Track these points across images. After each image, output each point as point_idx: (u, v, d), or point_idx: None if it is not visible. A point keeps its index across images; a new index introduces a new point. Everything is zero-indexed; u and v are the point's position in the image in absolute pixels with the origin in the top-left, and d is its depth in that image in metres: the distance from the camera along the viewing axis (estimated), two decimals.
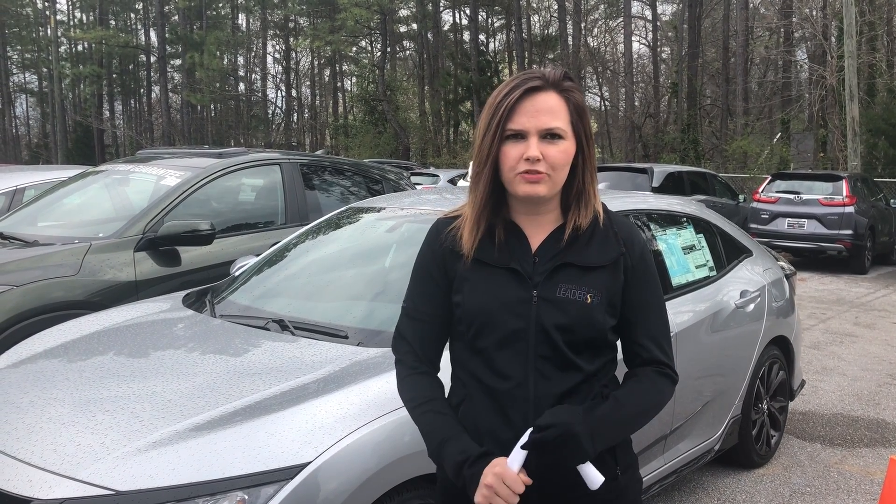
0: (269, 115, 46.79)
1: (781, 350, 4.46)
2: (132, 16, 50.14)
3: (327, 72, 47.11)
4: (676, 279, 3.66)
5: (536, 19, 40.51)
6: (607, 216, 1.69)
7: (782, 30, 27.30)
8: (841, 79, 18.74)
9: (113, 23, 47.24)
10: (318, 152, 10.26)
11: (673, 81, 30.23)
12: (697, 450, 3.73)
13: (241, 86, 46.39)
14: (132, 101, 52.99)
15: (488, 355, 1.64)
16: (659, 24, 35.72)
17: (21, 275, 4.04)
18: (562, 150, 1.59)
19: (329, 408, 2.26)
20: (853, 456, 4.51)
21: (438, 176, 16.28)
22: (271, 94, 48.14)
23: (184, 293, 3.63)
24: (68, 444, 2.19)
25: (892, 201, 14.16)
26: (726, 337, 3.86)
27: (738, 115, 26.08)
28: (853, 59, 16.11)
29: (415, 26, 38.56)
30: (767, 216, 12.93)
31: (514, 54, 34.76)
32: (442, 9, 38.41)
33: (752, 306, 4.09)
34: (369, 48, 42.61)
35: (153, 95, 49.25)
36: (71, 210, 5.29)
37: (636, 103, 33.70)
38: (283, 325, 2.89)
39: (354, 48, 40.68)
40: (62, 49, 47.63)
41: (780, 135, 26.22)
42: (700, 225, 4.13)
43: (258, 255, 3.98)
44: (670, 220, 3.92)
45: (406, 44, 42.51)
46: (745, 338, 4.03)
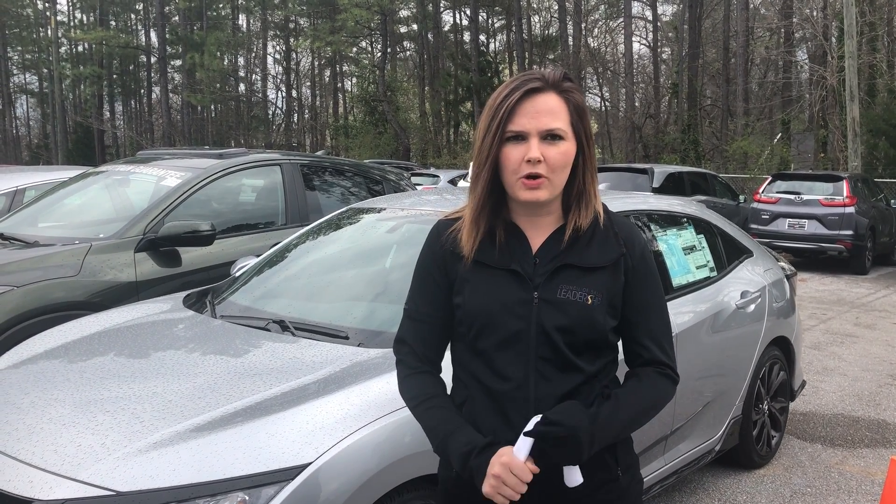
0: (270, 116, 46.81)
1: (782, 350, 4.46)
2: (132, 16, 50.15)
3: (327, 72, 47.12)
4: (677, 280, 3.66)
5: (537, 20, 40.54)
6: (608, 216, 1.69)
7: (783, 30, 27.31)
8: (841, 79, 18.74)
9: (113, 23, 47.27)
10: (319, 153, 10.25)
11: (673, 82, 30.23)
12: (698, 450, 3.73)
13: (242, 86, 46.41)
14: (132, 102, 53.01)
15: (489, 356, 1.64)
16: (659, 24, 35.72)
17: (22, 275, 4.05)
18: (562, 152, 1.59)
19: (330, 408, 2.26)
20: (854, 456, 4.50)
21: (439, 176, 16.28)
22: (272, 94, 48.24)
23: (184, 294, 3.63)
24: (69, 445, 2.19)
25: (892, 202, 14.16)
26: (727, 337, 3.86)
27: (739, 115, 26.08)
28: (854, 60, 16.11)
29: (415, 27, 38.55)
30: (768, 217, 12.93)
31: (515, 55, 34.77)
32: (442, 9, 38.43)
33: (752, 307, 4.09)
34: (370, 49, 42.62)
35: (153, 96, 49.26)
36: (71, 211, 5.30)
37: (636, 104, 33.71)
38: (283, 326, 2.89)
39: (355, 49, 40.69)
40: (62, 50, 47.65)
41: (780, 135, 26.23)
42: (700, 225, 4.13)
43: (259, 255, 3.98)
44: (671, 220, 3.92)
45: (406, 44, 42.51)
46: (745, 338, 4.03)
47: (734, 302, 3.95)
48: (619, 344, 1.73)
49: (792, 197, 12.84)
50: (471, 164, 1.69)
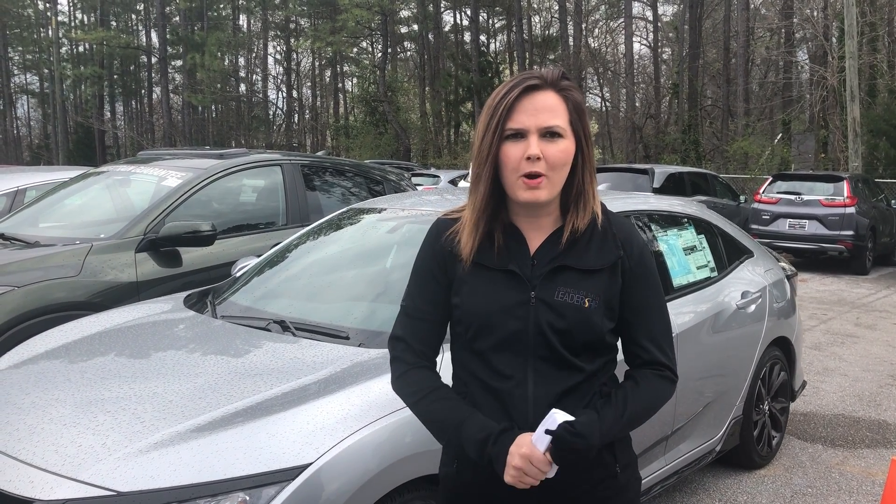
0: (270, 116, 46.82)
1: (783, 351, 4.46)
2: (133, 17, 50.17)
3: (328, 73, 47.13)
4: (678, 280, 3.66)
5: (537, 20, 40.54)
6: (606, 217, 1.69)
7: (783, 30, 27.31)
8: (842, 79, 18.73)
9: (114, 24, 47.29)
10: (319, 153, 10.26)
11: (674, 82, 30.24)
12: (699, 451, 3.73)
13: (242, 87, 46.41)
14: (133, 102, 53.02)
15: (487, 356, 1.64)
16: (660, 24, 35.72)
17: (22, 276, 4.05)
18: (561, 150, 1.59)
19: (330, 409, 2.26)
20: (854, 457, 4.50)
21: (439, 177, 16.29)
22: (272, 94, 48.25)
23: (185, 294, 3.63)
24: (70, 445, 2.19)
25: (892, 202, 14.15)
26: (728, 338, 3.86)
27: (739, 115, 26.08)
28: (854, 60, 16.10)
29: (415, 27, 38.56)
30: (768, 217, 12.93)
31: (515, 55, 34.77)
32: (443, 9, 38.43)
33: (753, 307, 4.09)
34: (370, 49, 42.62)
35: (154, 96, 49.27)
36: (72, 211, 5.30)
37: (637, 104, 33.71)
38: (284, 326, 2.89)
39: (355, 49, 40.70)
40: (63, 50, 47.68)
41: (780, 135, 26.24)
42: (701, 226, 4.13)
43: (259, 255, 3.98)
44: (671, 220, 3.92)
45: (407, 44, 42.52)
46: (746, 339, 4.03)
47: (735, 302, 3.95)
48: (619, 343, 1.73)
49: (792, 197, 12.84)
50: (471, 164, 1.69)
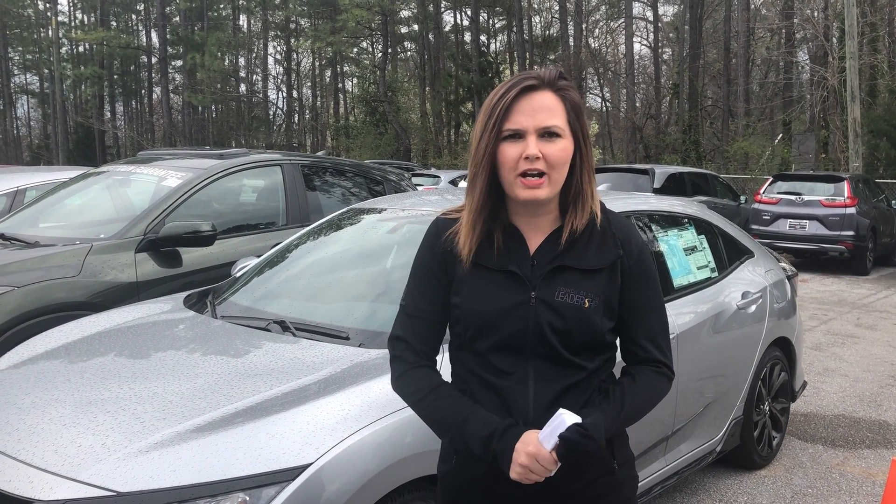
0: (271, 116, 46.83)
1: (783, 351, 4.45)
2: (133, 17, 50.18)
3: (328, 73, 47.14)
4: (678, 280, 3.65)
5: (538, 20, 40.55)
6: (605, 216, 1.69)
7: (783, 31, 27.30)
8: (842, 80, 18.73)
9: (114, 24, 47.31)
10: (320, 153, 10.26)
11: (674, 82, 30.24)
12: (699, 451, 3.73)
13: (243, 87, 46.42)
14: (133, 102, 53.03)
15: (486, 356, 1.64)
16: (660, 25, 35.73)
17: (22, 276, 4.05)
18: (560, 149, 1.58)
19: (330, 409, 2.26)
20: (855, 457, 4.50)
21: (439, 177, 16.28)
22: (272, 95, 48.27)
23: (185, 294, 3.63)
24: (69, 446, 2.19)
25: (893, 202, 14.15)
26: (728, 338, 3.86)
27: (740, 116, 26.09)
28: (855, 60, 16.10)
29: (416, 27, 38.57)
30: (769, 217, 12.93)
31: (516, 55, 34.77)
32: (443, 10, 38.43)
33: (753, 307, 4.09)
34: (370, 49, 42.63)
35: (154, 96, 49.28)
36: (72, 211, 5.30)
37: (637, 104, 33.72)
38: (284, 327, 2.89)
39: (355, 49, 40.70)
40: (63, 50, 47.68)
41: (781, 136, 26.24)
42: (701, 226, 4.13)
43: (259, 256, 3.98)
44: (672, 221, 3.91)
45: (407, 45, 42.52)
46: (746, 339, 4.03)
47: (735, 303, 3.95)
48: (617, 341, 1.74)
49: (793, 197, 12.84)
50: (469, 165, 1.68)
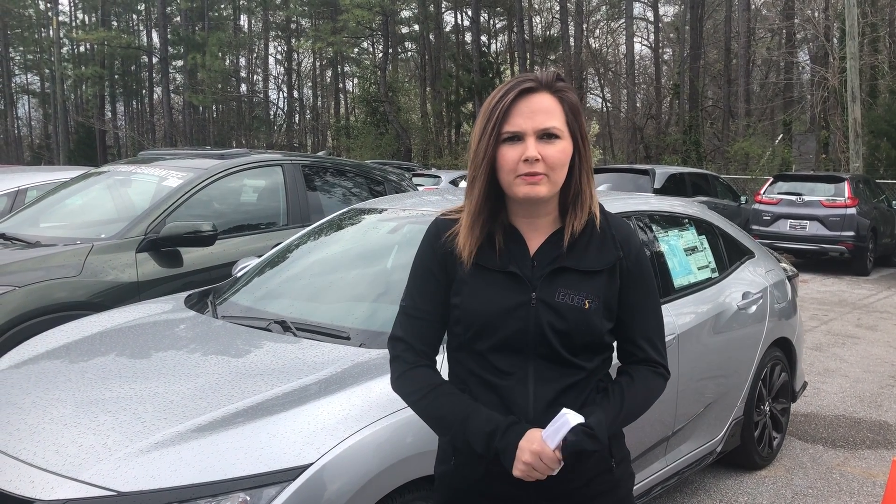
0: (271, 117, 46.84)
1: (783, 352, 4.45)
2: (134, 17, 50.21)
3: (329, 73, 47.14)
4: (678, 281, 3.66)
5: (538, 20, 40.54)
6: (604, 217, 1.69)
7: (784, 31, 27.29)
8: (843, 80, 18.72)
9: (115, 24, 47.33)
10: (320, 153, 10.27)
11: (675, 83, 30.24)
12: (699, 451, 3.73)
13: (243, 87, 46.43)
14: (134, 102, 53.05)
15: (486, 356, 1.65)
16: (661, 25, 35.72)
17: (23, 276, 4.05)
18: (560, 150, 1.59)
19: (331, 409, 2.26)
20: (855, 458, 4.50)
21: (440, 177, 16.29)
22: (273, 95, 48.29)
23: (186, 294, 3.63)
24: (70, 445, 2.19)
25: (893, 203, 14.15)
26: (728, 338, 3.86)
27: (740, 116, 26.07)
28: (855, 61, 16.09)
29: (416, 27, 38.57)
30: (769, 218, 12.93)
31: (516, 55, 34.78)
32: (444, 10, 38.43)
33: (754, 308, 4.09)
34: (371, 49, 42.63)
35: (155, 96, 49.29)
36: (73, 211, 5.30)
37: (638, 105, 33.70)
38: (284, 326, 2.89)
39: (356, 49, 40.70)
40: (64, 50, 47.69)
41: (781, 136, 26.24)
42: (702, 226, 4.13)
43: (260, 256, 3.98)
44: (672, 221, 3.92)
45: (408, 45, 42.51)
46: (747, 339, 4.03)
47: (736, 303, 3.95)
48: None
49: (793, 198, 12.84)
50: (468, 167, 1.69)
